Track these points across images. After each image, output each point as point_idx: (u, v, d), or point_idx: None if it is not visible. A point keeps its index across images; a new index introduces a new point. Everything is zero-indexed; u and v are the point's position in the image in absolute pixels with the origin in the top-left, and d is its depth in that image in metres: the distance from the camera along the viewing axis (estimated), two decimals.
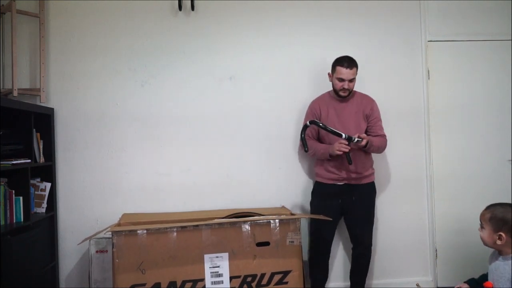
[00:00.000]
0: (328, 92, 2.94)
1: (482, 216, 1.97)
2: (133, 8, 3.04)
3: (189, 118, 3.07)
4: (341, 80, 2.75)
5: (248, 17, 3.13)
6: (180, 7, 3.03)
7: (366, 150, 2.78)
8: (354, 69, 2.75)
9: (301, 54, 3.16)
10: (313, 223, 2.96)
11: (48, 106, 2.91)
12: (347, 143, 2.64)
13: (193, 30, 3.08)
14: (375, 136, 2.82)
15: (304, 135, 2.66)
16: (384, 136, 2.87)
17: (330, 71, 2.84)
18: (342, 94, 2.80)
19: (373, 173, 2.92)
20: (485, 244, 1.96)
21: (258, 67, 3.12)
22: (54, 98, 2.97)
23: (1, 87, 2.84)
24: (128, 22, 3.04)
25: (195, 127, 3.08)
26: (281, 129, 3.14)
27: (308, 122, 2.67)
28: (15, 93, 2.64)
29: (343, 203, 2.84)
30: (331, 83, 2.85)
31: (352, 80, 2.77)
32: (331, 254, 2.99)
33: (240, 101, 3.11)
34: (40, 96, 2.85)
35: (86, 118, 2.99)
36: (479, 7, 3.31)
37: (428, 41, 3.26)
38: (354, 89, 2.85)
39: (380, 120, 2.91)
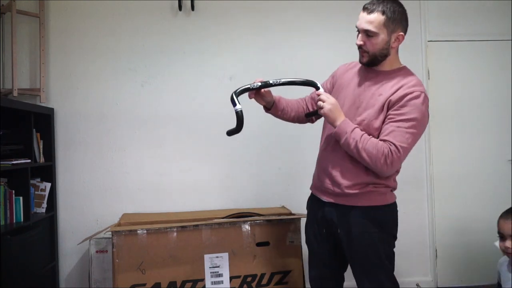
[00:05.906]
0: None
1: (503, 226, 1.73)
2: (133, 8, 3.04)
3: (189, 118, 3.07)
4: (357, 32, 1.74)
5: (248, 17, 3.13)
6: (180, 7, 3.03)
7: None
8: (377, 14, 1.63)
9: (300, 54, 3.15)
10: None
11: (48, 106, 2.91)
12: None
13: (193, 30, 3.08)
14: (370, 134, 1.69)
15: (235, 93, 1.80)
16: (388, 143, 1.64)
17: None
18: (360, 59, 1.77)
19: (375, 192, 1.80)
20: (508, 254, 1.76)
21: (258, 67, 3.12)
22: (54, 98, 2.96)
23: (1, 87, 2.83)
24: (128, 22, 3.04)
25: (195, 127, 3.07)
26: (281, 129, 3.12)
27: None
28: (15, 93, 2.64)
29: (332, 232, 1.86)
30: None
31: (370, 35, 1.66)
32: None
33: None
34: (40, 96, 2.85)
35: (86, 118, 2.99)
36: (479, 7, 3.31)
37: (428, 41, 3.26)
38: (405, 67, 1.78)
39: (407, 126, 1.65)
